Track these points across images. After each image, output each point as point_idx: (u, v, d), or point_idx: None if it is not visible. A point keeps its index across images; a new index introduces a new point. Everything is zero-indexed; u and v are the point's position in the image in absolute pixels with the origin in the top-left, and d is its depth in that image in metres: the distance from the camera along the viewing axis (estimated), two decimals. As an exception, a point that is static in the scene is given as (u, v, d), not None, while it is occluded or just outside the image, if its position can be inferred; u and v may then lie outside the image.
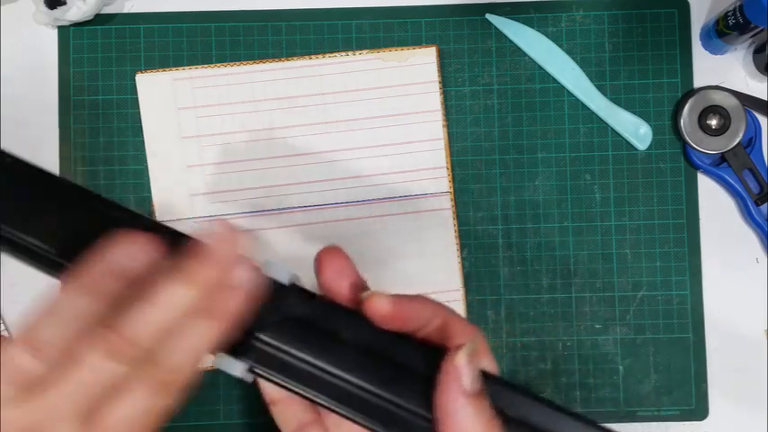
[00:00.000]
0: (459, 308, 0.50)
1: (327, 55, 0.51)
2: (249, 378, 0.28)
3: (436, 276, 0.50)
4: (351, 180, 0.51)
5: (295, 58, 0.51)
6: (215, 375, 0.50)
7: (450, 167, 0.51)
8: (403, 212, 0.51)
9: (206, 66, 0.51)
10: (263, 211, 0.50)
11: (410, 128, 0.51)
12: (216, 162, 0.51)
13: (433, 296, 0.48)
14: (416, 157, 0.51)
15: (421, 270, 0.50)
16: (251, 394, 0.50)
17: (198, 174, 0.51)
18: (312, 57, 0.51)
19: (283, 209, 0.51)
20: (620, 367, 0.51)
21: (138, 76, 0.51)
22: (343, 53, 0.51)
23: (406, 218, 0.51)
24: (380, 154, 0.51)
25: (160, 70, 0.51)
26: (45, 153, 0.51)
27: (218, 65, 0.51)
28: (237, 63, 0.51)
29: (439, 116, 0.51)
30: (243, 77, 0.51)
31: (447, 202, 0.51)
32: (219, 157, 0.51)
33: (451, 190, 0.51)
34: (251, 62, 0.51)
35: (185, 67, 0.51)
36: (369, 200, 0.51)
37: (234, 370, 0.28)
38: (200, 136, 0.51)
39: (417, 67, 0.51)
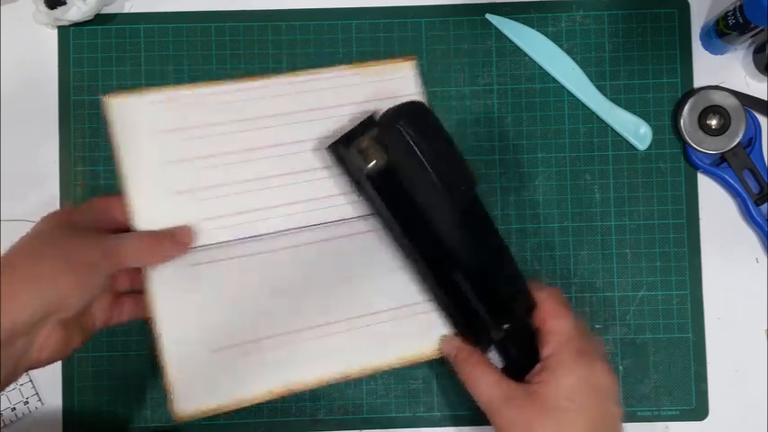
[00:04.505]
0: (439, 316, 0.47)
1: (305, 72, 0.48)
2: None
3: (415, 287, 0.47)
4: (332, 199, 0.47)
5: (272, 76, 0.48)
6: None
7: None
8: (372, 230, 0.48)
9: (181, 86, 0.47)
10: (246, 238, 0.47)
11: None
12: (194, 188, 0.47)
13: (412, 308, 0.47)
14: None
15: (401, 284, 0.47)
16: (251, 394, 0.51)
17: (186, 200, 0.46)
18: (290, 73, 0.48)
19: (264, 234, 0.47)
20: (621, 367, 0.51)
21: (107, 99, 0.45)
22: (320, 70, 0.48)
23: (375, 235, 0.48)
24: None
25: (132, 92, 0.46)
26: (45, 153, 0.51)
27: (194, 85, 0.47)
28: (215, 83, 0.47)
29: None
30: (221, 98, 0.47)
31: None
32: (198, 183, 0.47)
33: None
34: (225, 82, 0.47)
35: (159, 89, 0.46)
36: (349, 218, 0.47)
37: None
38: (174, 162, 0.46)
39: (398, 81, 0.48)
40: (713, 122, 0.50)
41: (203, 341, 0.46)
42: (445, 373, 0.51)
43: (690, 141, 0.51)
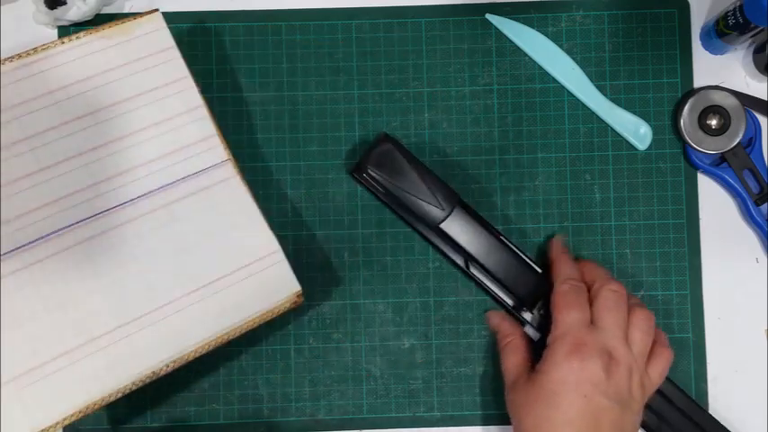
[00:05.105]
0: (284, 269, 0.46)
1: (43, 48, 0.45)
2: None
3: (248, 247, 0.45)
4: (106, 183, 0.44)
5: (7, 62, 0.44)
6: (216, 376, 0.50)
7: (220, 133, 0.46)
8: (184, 196, 0.45)
9: None
10: (18, 248, 0.43)
11: (163, 104, 0.45)
12: None
13: (252, 266, 0.45)
14: (181, 134, 0.45)
15: (230, 245, 0.45)
16: (251, 394, 0.51)
17: None
18: (27, 54, 0.44)
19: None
20: (620, 367, 0.51)
21: None
22: (60, 41, 0.45)
23: (192, 200, 0.45)
24: (136, 143, 0.45)
25: None
26: (45, 153, 0.51)
27: None
28: None
29: (191, 83, 0.46)
30: None
31: (230, 171, 0.46)
32: None
33: (231, 156, 0.46)
34: None
35: None
36: (139, 196, 0.45)
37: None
38: None
39: (149, 37, 0.46)
40: (713, 122, 0.50)
41: None
42: (445, 374, 0.51)
43: (690, 141, 0.51)
